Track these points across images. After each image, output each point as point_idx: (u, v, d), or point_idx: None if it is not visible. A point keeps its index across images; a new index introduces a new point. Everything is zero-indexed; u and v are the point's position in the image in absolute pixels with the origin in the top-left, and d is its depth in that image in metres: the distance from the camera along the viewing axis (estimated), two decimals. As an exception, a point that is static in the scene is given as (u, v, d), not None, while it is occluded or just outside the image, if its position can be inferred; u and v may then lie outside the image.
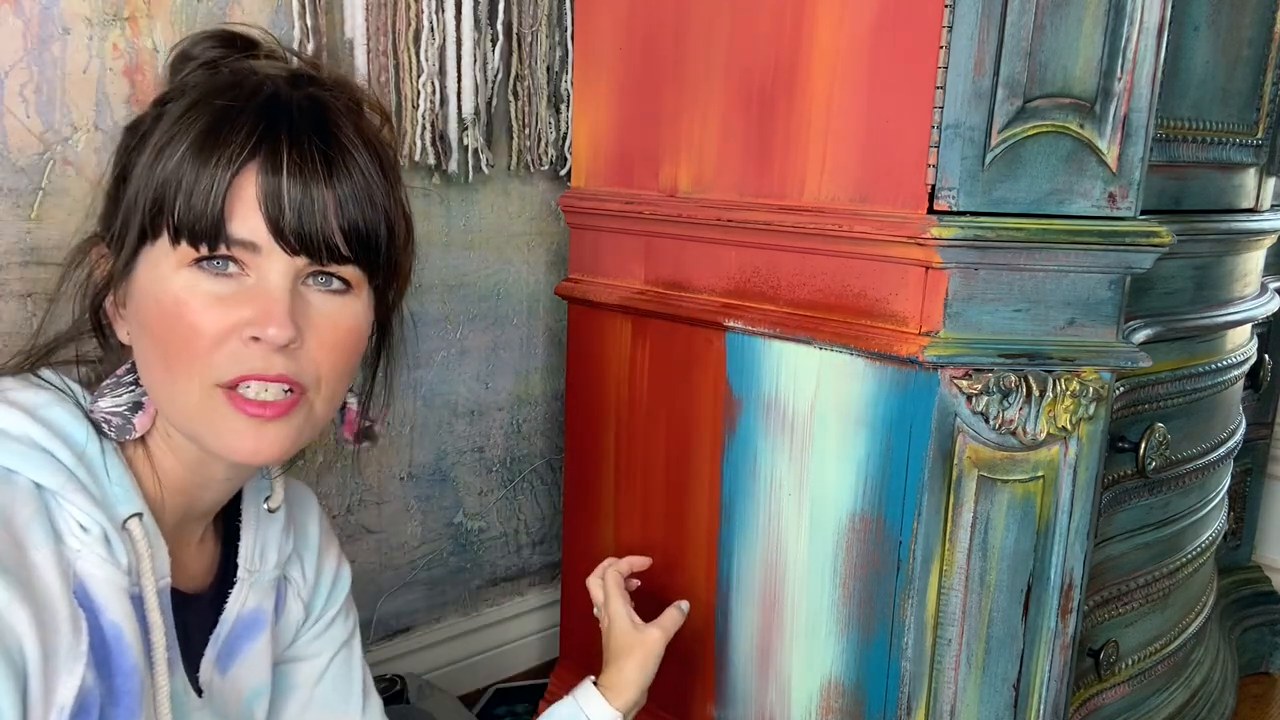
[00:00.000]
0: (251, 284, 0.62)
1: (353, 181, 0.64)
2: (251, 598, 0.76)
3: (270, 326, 0.61)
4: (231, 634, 0.74)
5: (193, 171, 0.61)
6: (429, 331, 1.35)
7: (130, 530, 0.63)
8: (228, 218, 0.61)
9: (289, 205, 0.62)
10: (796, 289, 0.99)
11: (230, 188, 0.61)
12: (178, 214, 0.61)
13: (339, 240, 0.64)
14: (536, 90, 1.37)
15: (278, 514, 0.79)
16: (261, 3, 1.11)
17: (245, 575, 0.75)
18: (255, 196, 0.61)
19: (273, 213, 0.61)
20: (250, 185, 0.61)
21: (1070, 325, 0.91)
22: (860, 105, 0.91)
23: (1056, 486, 0.93)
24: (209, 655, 0.72)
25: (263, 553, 0.77)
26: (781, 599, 1.04)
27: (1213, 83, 1.07)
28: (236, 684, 0.75)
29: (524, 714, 1.42)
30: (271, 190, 0.61)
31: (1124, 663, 1.16)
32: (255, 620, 0.76)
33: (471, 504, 1.47)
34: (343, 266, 0.65)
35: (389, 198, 0.67)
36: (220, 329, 0.62)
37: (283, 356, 0.63)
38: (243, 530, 0.76)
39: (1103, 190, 0.89)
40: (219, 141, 0.61)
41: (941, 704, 0.96)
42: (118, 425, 0.65)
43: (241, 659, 0.75)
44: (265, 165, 0.61)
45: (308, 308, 0.64)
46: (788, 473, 1.01)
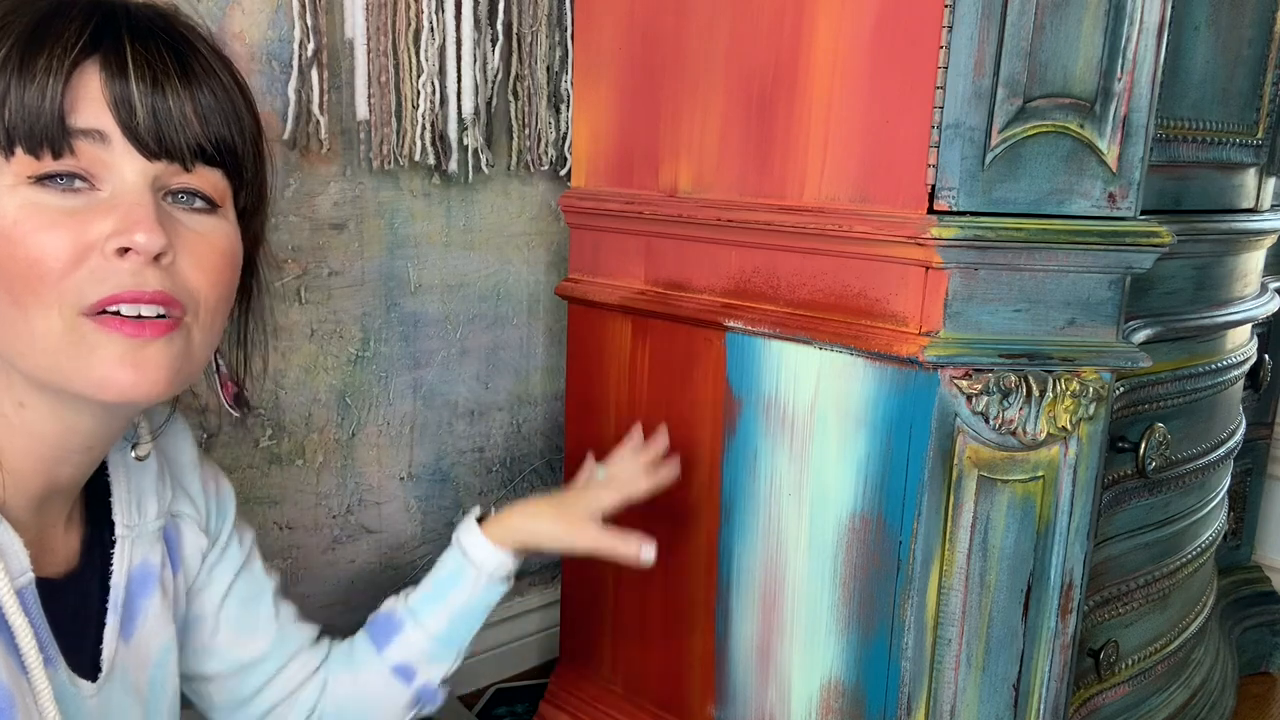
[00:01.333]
0: (105, 196, 0.56)
1: (211, 87, 0.58)
2: (137, 553, 0.71)
3: (138, 232, 0.55)
4: (128, 595, 0.70)
5: (21, 74, 0.54)
6: (429, 331, 1.35)
7: None
8: (68, 111, 0.54)
9: (140, 105, 0.55)
10: (796, 289, 0.99)
11: (69, 84, 0.54)
12: (8, 118, 0.53)
13: (204, 141, 0.58)
14: (536, 90, 1.37)
15: (148, 461, 0.73)
16: (261, 2, 1.11)
17: (125, 532, 0.70)
18: (100, 95, 0.55)
19: (124, 114, 0.55)
20: (93, 83, 0.55)
21: (1070, 325, 0.91)
22: (860, 105, 0.91)
23: (1056, 486, 0.93)
24: (111, 625, 0.68)
25: (139, 505, 0.72)
26: (781, 599, 1.04)
27: (1213, 83, 1.07)
28: (142, 647, 0.72)
29: (524, 714, 1.42)
30: (119, 90, 0.55)
31: (1124, 663, 1.16)
32: (145, 576, 0.72)
33: (471, 504, 1.46)
34: (208, 174, 0.59)
35: (251, 116, 0.62)
36: (77, 245, 0.54)
37: (156, 271, 0.56)
38: (113, 485, 0.71)
39: (1103, 190, 0.89)
40: (48, 37, 0.54)
41: (941, 704, 0.96)
42: None
43: (142, 619, 0.71)
44: (108, 63, 0.55)
45: (174, 223, 0.58)
46: (788, 473, 1.01)
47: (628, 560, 0.93)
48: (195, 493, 0.79)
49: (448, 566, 0.91)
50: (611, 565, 1.24)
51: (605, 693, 1.27)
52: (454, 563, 0.91)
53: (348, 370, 1.28)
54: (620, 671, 1.25)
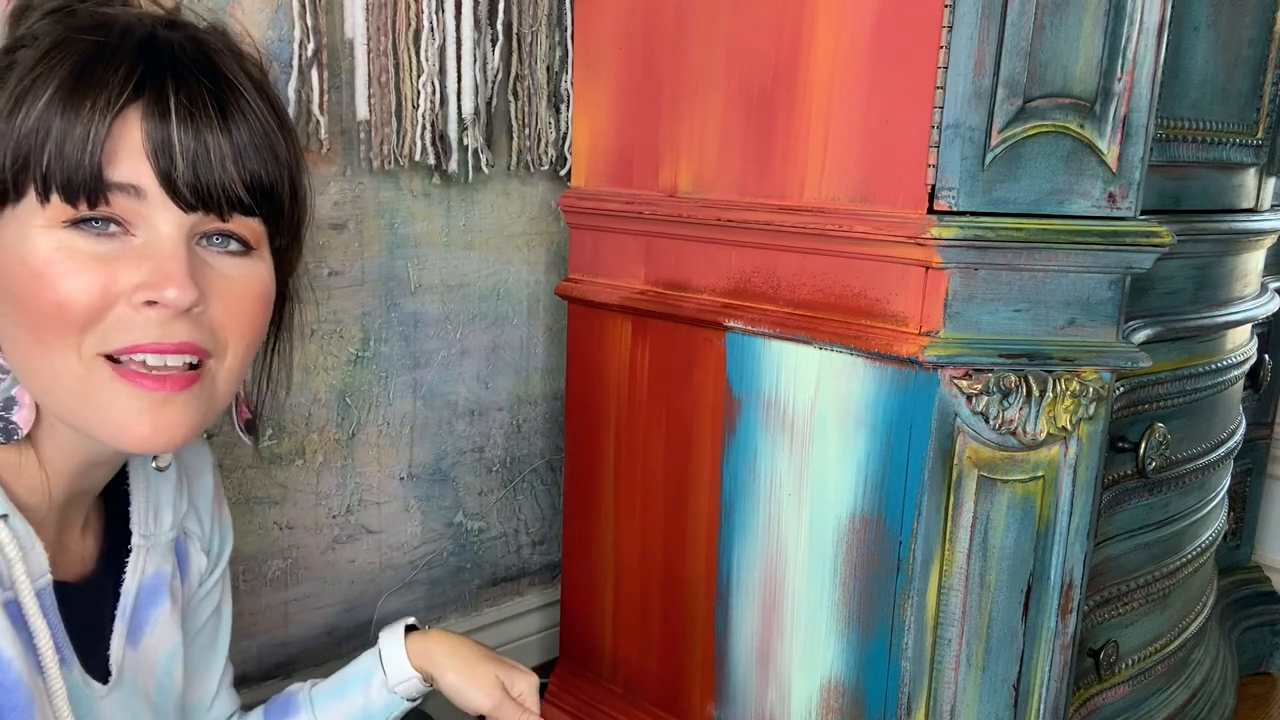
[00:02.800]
0: (139, 244, 0.55)
1: (250, 128, 0.57)
2: (150, 563, 0.72)
3: (169, 288, 0.54)
4: (137, 604, 0.71)
5: (62, 118, 0.53)
6: (429, 331, 1.35)
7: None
8: (106, 163, 0.53)
9: (181, 154, 0.54)
10: (796, 289, 0.99)
11: (110, 134, 0.53)
12: (46, 164, 0.53)
13: (241, 191, 0.56)
14: (536, 90, 1.37)
15: (168, 472, 0.73)
16: (261, 2, 1.11)
17: (141, 541, 0.71)
18: (140, 144, 0.54)
19: (163, 164, 0.54)
20: (134, 132, 0.54)
21: (1070, 325, 0.91)
22: (860, 105, 0.91)
23: (1056, 486, 0.93)
24: (118, 631, 0.69)
25: (156, 515, 0.72)
26: (781, 599, 1.04)
27: (1213, 83, 1.07)
28: (150, 654, 0.72)
29: (524, 714, 1.42)
30: (160, 138, 0.54)
31: (1124, 663, 1.16)
32: (158, 585, 0.73)
33: (471, 504, 1.47)
34: (245, 220, 0.58)
35: (290, 148, 0.61)
36: (104, 292, 0.54)
37: (184, 323, 0.55)
38: (132, 495, 0.71)
39: (1103, 190, 0.89)
40: (94, 82, 0.53)
41: (941, 704, 0.96)
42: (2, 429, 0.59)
43: (151, 627, 0.72)
44: (150, 110, 0.54)
45: (207, 270, 0.57)
46: (788, 473, 1.01)
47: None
48: (205, 515, 0.80)
49: (362, 665, 0.85)
50: (611, 566, 1.24)
51: (605, 693, 1.27)
52: (367, 664, 0.85)
53: (348, 370, 1.28)
54: (620, 671, 1.25)
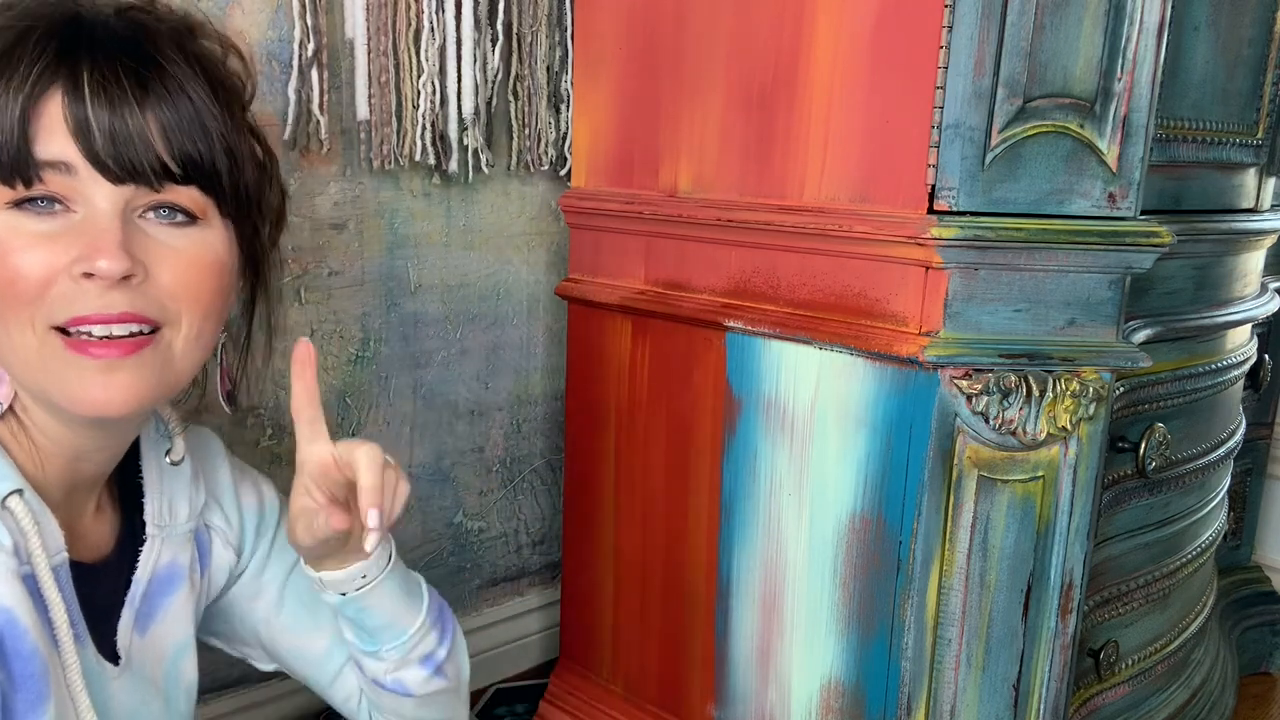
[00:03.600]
0: (78, 219, 0.58)
1: (175, 104, 0.59)
2: (165, 553, 0.73)
3: (100, 258, 0.56)
4: (148, 593, 0.72)
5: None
6: (429, 331, 1.35)
7: (11, 508, 0.60)
8: (32, 141, 0.56)
9: (99, 130, 0.57)
10: (796, 289, 0.99)
11: (28, 113, 0.56)
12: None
13: (168, 162, 0.59)
14: (536, 90, 1.37)
15: (182, 465, 0.75)
16: (262, 2, 1.11)
17: (155, 532, 0.73)
18: (61, 121, 0.57)
19: (84, 140, 0.57)
20: (54, 110, 0.57)
21: (1070, 325, 0.91)
22: (860, 105, 0.91)
23: (1056, 486, 0.93)
24: (125, 618, 0.70)
25: (171, 507, 0.74)
26: (781, 599, 1.04)
27: (1213, 83, 1.07)
28: (158, 643, 0.73)
29: (524, 714, 1.42)
30: (77, 115, 0.56)
31: (1124, 663, 1.16)
32: (172, 575, 0.74)
33: (471, 504, 1.47)
34: (181, 190, 0.60)
35: (226, 122, 0.62)
36: (47, 268, 0.57)
37: (123, 293, 0.58)
38: (145, 487, 0.73)
39: (1103, 190, 0.89)
40: (10, 64, 0.56)
41: (941, 704, 0.96)
42: None
43: (161, 617, 0.73)
44: (68, 88, 0.57)
45: (149, 241, 0.60)
46: (788, 473, 1.01)
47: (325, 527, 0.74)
48: (229, 507, 0.80)
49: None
50: (611, 566, 1.24)
51: (605, 693, 1.27)
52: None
53: (348, 370, 1.28)
54: (620, 671, 1.25)
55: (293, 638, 0.84)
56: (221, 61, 0.65)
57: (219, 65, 0.64)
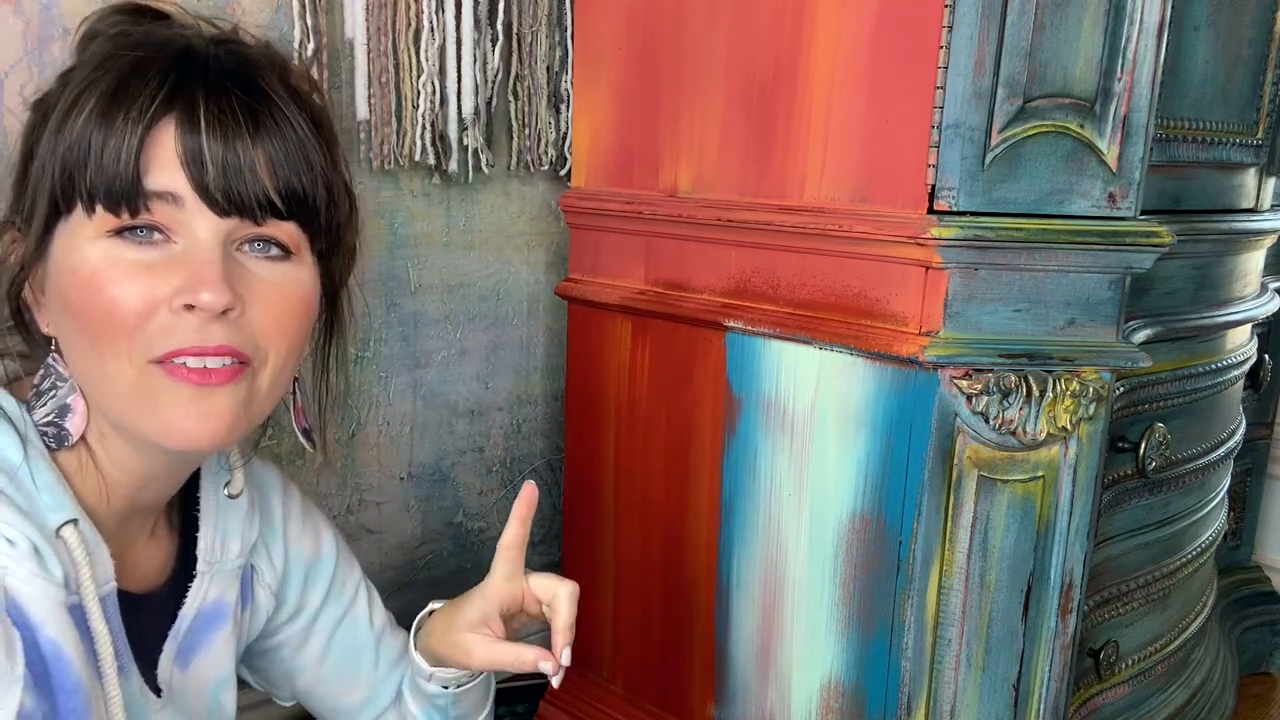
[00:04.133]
0: (179, 250, 0.58)
1: (284, 138, 0.59)
2: (213, 590, 0.73)
3: (203, 291, 0.56)
4: (192, 629, 0.72)
5: (100, 131, 0.56)
6: (429, 331, 1.35)
7: (65, 538, 0.59)
8: (143, 172, 0.56)
9: (212, 162, 0.57)
10: (796, 289, 0.99)
11: (144, 143, 0.56)
12: (89, 177, 0.56)
13: (274, 196, 0.59)
14: (536, 90, 1.37)
15: (240, 500, 0.75)
16: (262, 3, 1.11)
17: (205, 568, 0.72)
18: (174, 153, 0.57)
19: (195, 171, 0.57)
20: (168, 141, 0.57)
21: (1070, 325, 0.91)
22: (860, 105, 0.91)
23: (1056, 486, 0.93)
24: (168, 651, 0.70)
25: (224, 542, 0.74)
26: (781, 599, 1.04)
27: (1213, 83, 1.07)
28: (198, 677, 0.73)
29: (524, 714, 1.42)
30: (191, 147, 0.57)
31: (1124, 663, 1.16)
32: (218, 612, 0.74)
33: (471, 504, 1.47)
34: (281, 225, 0.60)
35: (326, 158, 0.62)
36: (147, 299, 0.57)
37: (221, 326, 0.58)
38: (201, 520, 0.73)
39: (1103, 190, 0.89)
40: (127, 95, 0.56)
41: (941, 704, 0.96)
42: (54, 435, 0.61)
43: (203, 652, 0.73)
44: (182, 120, 0.57)
45: (246, 274, 0.60)
46: (788, 473, 1.01)
47: (528, 665, 0.80)
48: (275, 552, 0.80)
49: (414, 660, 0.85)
50: (611, 566, 1.24)
51: (605, 693, 1.27)
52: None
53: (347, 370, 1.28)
54: (620, 671, 1.25)
55: (330, 688, 0.85)
56: (313, 95, 0.65)
57: (314, 100, 0.65)
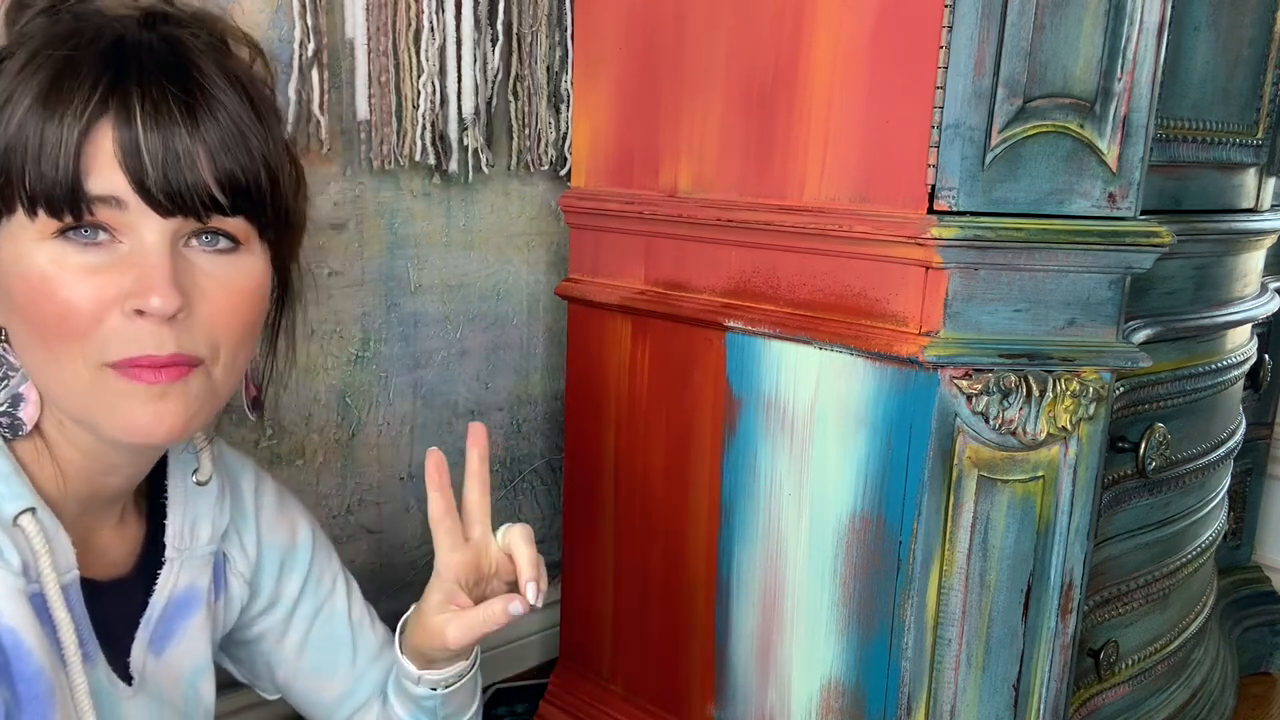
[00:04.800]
0: (125, 251, 0.57)
1: (220, 127, 0.58)
2: (184, 576, 0.72)
3: (153, 296, 0.56)
4: (164, 615, 0.71)
5: (37, 133, 0.55)
6: (429, 331, 1.35)
7: (22, 526, 0.59)
8: (83, 176, 0.55)
9: (150, 160, 0.56)
10: (796, 289, 0.99)
11: (81, 146, 0.55)
12: (28, 182, 0.55)
13: (215, 192, 0.58)
14: (536, 90, 1.37)
15: (209, 486, 0.74)
16: (262, 2, 1.11)
17: (174, 554, 0.72)
18: (112, 153, 0.56)
19: (134, 171, 0.56)
20: (106, 142, 0.56)
21: (1070, 325, 0.91)
22: (860, 105, 0.91)
23: (1056, 486, 0.93)
24: (140, 639, 0.70)
25: (193, 529, 0.73)
26: (781, 599, 1.04)
27: (1213, 83, 1.07)
28: (174, 665, 0.73)
29: (524, 714, 1.42)
30: (128, 145, 0.56)
31: (1124, 663, 1.16)
32: (189, 599, 0.73)
33: (471, 504, 1.46)
34: (226, 220, 0.60)
35: (266, 140, 0.61)
36: (97, 303, 0.56)
37: (172, 329, 0.58)
38: (169, 506, 0.72)
39: (1103, 190, 0.89)
40: (62, 96, 0.55)
41: (941, 704, 0.96)
42: (8, 425, 0.61)
43: (177, 640, 0.72)
44: (118, 118, 0.56)
45: (194, 270, 0.59)
46: (788, 473, 1.01)
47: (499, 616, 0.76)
48: (248, 540, 0.79)
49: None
50: (611, 566, 1.25)
51: (605, 693, 1.27)
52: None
53: (348, 370, 1.28)
54: (620, 671, 1.25)
55: (309, 680, 0.84)
56: (251, 69, 0.65)
57: (253, 77, 0.64)
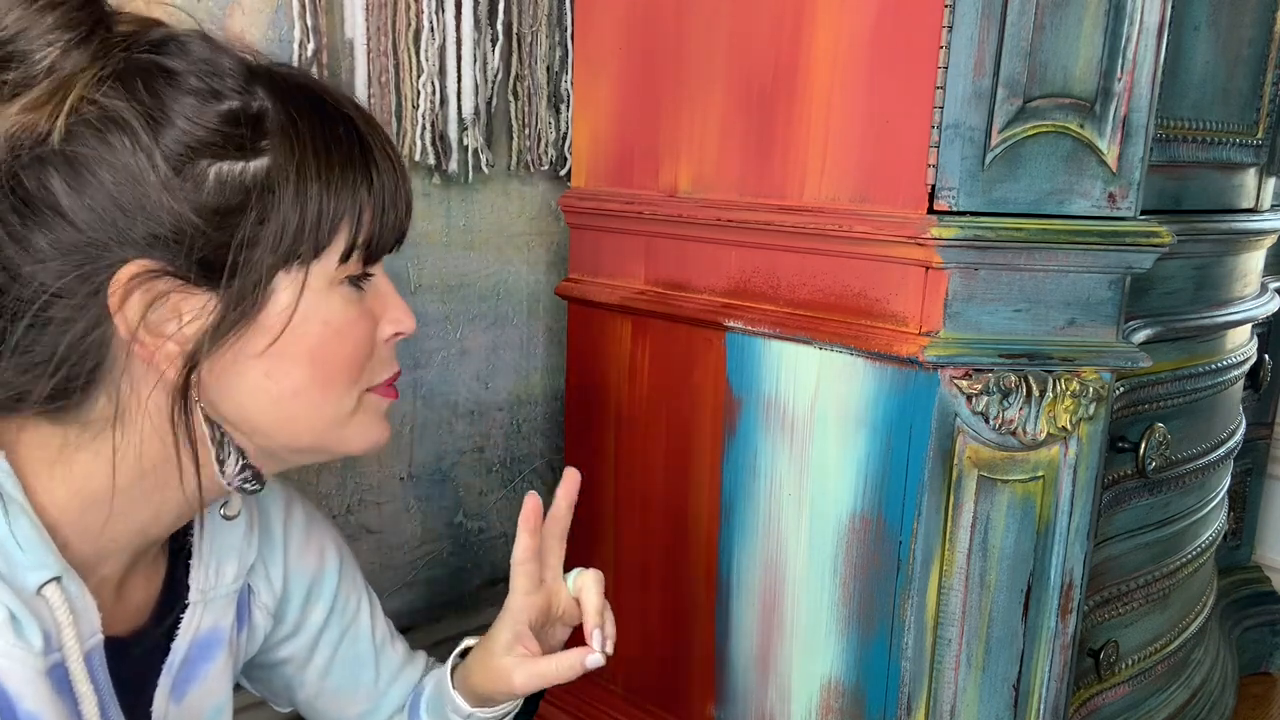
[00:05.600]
0: (371, 286, 0.64)
1: (407, 179, 0.65)
2: (207, 619, 0.70)
3: (411, 322, 0.65)
4: (186, 660, 0.69)
5: (390, 189, 0.62)
6: (429, 331, 1.35)
7: (46, 597, 0.56)
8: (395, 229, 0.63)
9: (398, 218, 0.64)
10: (796, 289, 0.99)
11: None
12: (380, 231, 0.61)
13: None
14: (536, 90, 1.37)
15: (237, 520, 0.72)
16: (261, 3, 1.11)
17: (198, 598, 0.69)
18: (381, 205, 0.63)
19: (398, 227, 0.64)
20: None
21: (1070, 325, 0.91)
22: (860, 105, 0.91)
23: (1056, 486, 0.93)
24: (162, 687, 0.67)
25: (219, 567, 0.71)
26: (781, 599, 1.04)
27: (1213, 83, 1.07)
28: (194, 707, 0.71)
29: (524, 714, 1.42)
30: (401, 195, 0.63)
31: (1124, 663, 1.16)
32: (212, 641, 0.71)
33: (471, 504, 1.47)
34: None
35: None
36: (371, 338, 0.63)
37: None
38: (195, 547, 0.70)
39: (1103, 190, 0.89)
40: (344, 156, 0.60)
41: (941, 704, 0.96)
42: (253, 477, 0.63)
43: (198, 683, 0.70)
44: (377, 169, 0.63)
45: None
46: (788, 473, 1.01)
47: (575, 669, 0.79)
48: (275, 572, 0.77)
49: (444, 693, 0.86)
50: (611, 566, 1.24)
51: (605, 693, 1.27)
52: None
53: (348, 370, 1.28)
54: (620, 671, 1.25)
55: (332, 701, 0.84)
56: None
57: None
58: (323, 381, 0.61)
